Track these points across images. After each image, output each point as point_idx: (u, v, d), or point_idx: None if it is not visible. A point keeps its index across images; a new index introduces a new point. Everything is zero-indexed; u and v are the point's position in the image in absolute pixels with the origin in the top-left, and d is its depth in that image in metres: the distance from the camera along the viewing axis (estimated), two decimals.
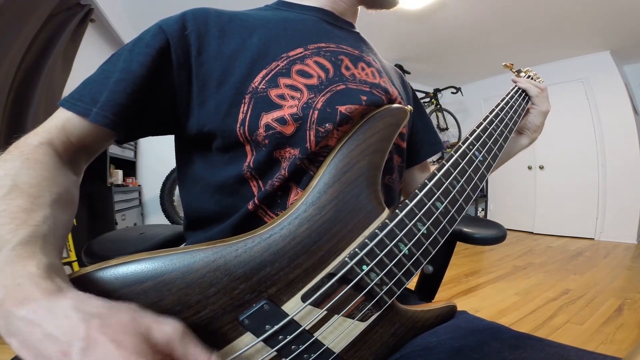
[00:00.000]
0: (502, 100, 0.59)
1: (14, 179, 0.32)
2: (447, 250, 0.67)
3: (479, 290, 2.19)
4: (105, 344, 0.22)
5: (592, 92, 3.82)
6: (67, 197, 0.36)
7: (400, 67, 3.89)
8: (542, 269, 2.62)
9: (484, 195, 4.77)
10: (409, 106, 0.45)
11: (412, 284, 0.55)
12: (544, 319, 1.71)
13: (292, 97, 0.42)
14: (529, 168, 4.35)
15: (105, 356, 0.22)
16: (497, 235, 0.61)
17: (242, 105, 0.41)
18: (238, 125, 0.40)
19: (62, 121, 0.40)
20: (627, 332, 1.52)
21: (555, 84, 3.91)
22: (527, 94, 0.65)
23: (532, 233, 4.28)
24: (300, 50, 0.45)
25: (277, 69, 0.43)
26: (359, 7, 0.59)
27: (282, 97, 0.41)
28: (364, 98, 0.45)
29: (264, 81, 0.42)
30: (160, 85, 0.41)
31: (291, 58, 0.44)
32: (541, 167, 4.25)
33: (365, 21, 0.61)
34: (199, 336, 0.30)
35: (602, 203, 3.76)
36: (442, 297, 1.94)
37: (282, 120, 0.40)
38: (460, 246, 0.75)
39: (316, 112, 0.42)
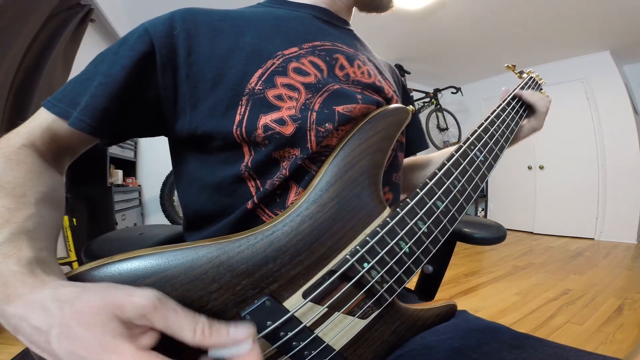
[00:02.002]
0: (503, 101, 0.59)
1: None
2: (447, 250, 0.67)
3: (479, 290, 2.19)
4: (77, 328, 0.23)
5: (592, 92, 3.82)
6: (54, 196, 0.36)
7: (400, 67, 3.89)
8: (542, 269, 2.62)
9: (484, 195, 4.78)
10: (410, 106, 0.45)
11: (412, 283, 0.55)
12: (544, 319, 1.71)
13: (290, 98, 0.41)
14: (529, 168, 4.35)
15: (77, 339, 0.23)
16: (497, 235, 0.61)
17: (239, 107, 0.40)
18: (234, 127, 0.39)
19: (47, 122, 0.39)
20: (627, 332, 1.53)
21: (555, 84, 3.91)
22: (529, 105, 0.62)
23: (532, 233, 4.28)
24: (295, 49, 0.45)
25: (273, 67, 0.42)
26: (354, 8, 0.59)
27: (279, 97, 0.41)
28: (359, 97, 0.44)
29: (260, 81, 0.41)
30: (145, 88, 0.40)
31: (287, 56, 0.44)
32: (541, 167, 4.25)
33: (365, 21, 0.61)
34: None
35: (602, 203, 3.76)
36: (442, 297, 1.94)
37: (280, 121, 0.40)
38: (460, 246, 0.76)
39: (314, 113, 0.41)
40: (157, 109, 0.42)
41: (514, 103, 0.60)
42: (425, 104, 4.31)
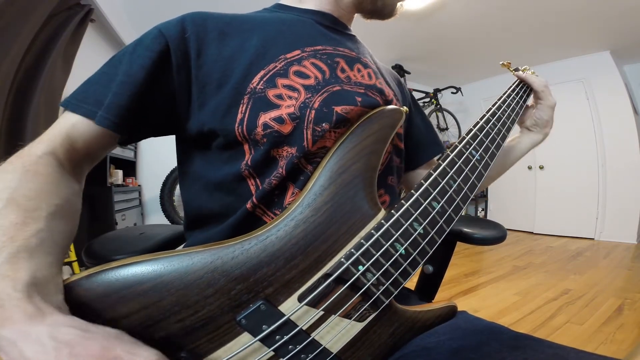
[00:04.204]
0: (499, 99, 0.59)
1: (12, 192, 0.32)
2: (447, 250, 0.67)
3: (479, 290, 2.19)
4: None
5: (592, 92, 3.81)
6: (68, 208, 0.36)
7: (400, 67, 3.88)
8: (542, 269, 2.62)
9: (484, 195, 4.77)
10: (404, 107, 0.45)
11: (412, 284, 0.55)
12: (544, 319, 1.71)
13: (290, 97, 0.42)
14: (529, 168, 4.34)
15: None
16: (497, 235, 0.61)
17: (241, 105, 0.42)
18: (237, 125, 0.41)
19: (67, 127, 0.40)
20: (627, 332, 1.52)
21: (555, 84, 3.90)
22: (528, 90, 0.66)
23: (532, 233, 4.27)
24: (297, 52, 0.46)
25: (274, 69, 0.44)
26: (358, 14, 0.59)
27: (279, 97, 0.42)
28: (359, 99, 0.45)
29: (262, 82, 0.42)
30: (161, 87, 0.42)
31: (288, 60, 0.45)
32: (541, 167, 4.25)
33: (366, 21, 0.61)
34: (197, 336, 0.30)
35: (602, 203, 3.76)
36: (442, 297, 1.94)
37: (279, 120, 0.41)
38: (460, 246, 0.76)
39: (313, 111, 0.42)
40: (171, 107, 0.43)
41: (509, 100, 0.60)
42: (425, 104, 4.30)
